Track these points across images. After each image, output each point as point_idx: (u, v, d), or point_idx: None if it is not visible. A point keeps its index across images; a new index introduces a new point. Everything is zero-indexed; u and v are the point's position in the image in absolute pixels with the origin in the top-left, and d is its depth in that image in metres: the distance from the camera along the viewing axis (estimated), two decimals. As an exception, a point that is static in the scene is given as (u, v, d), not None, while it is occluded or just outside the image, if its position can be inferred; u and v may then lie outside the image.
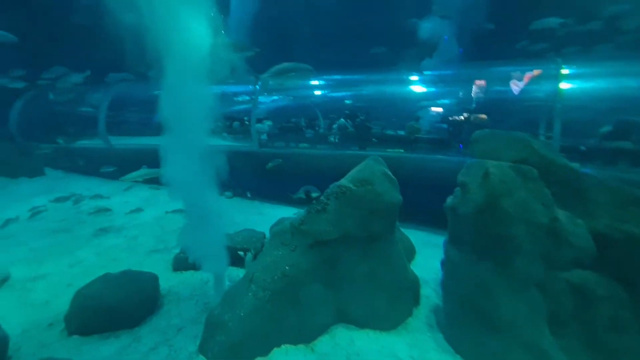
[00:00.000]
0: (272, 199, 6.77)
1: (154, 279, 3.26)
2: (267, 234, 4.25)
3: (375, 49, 9.81)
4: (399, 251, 3.14)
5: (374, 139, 6.79)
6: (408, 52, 8.29)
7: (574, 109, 5.33)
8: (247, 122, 8.05)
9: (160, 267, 3.76)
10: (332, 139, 7.45)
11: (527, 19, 7.38)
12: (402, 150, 6.42)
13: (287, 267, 2.69)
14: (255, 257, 3.77)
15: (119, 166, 7.25)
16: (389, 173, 3.07)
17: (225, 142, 7.75)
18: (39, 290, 3.43)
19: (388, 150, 6.53)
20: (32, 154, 8.15)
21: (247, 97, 8.94)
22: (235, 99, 9.30)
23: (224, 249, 3.10)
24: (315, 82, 9.35)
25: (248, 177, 6.40)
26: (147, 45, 2.53)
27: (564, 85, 5.25)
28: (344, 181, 2.94)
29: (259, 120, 7.90)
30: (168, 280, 3.55)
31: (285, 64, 5.26)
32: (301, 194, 4.48)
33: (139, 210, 5.68)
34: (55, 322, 2.89)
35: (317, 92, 10.29)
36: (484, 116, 6.49)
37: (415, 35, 9.45)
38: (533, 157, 2.48)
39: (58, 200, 5.97)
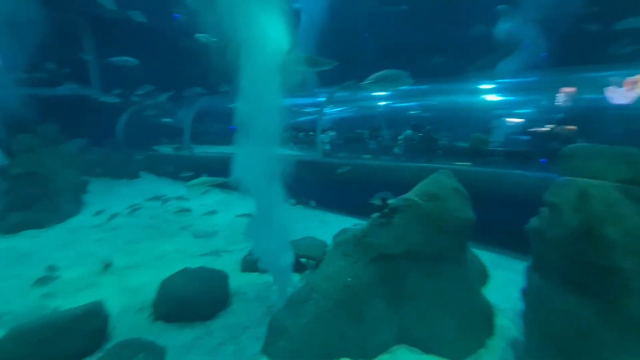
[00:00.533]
0: (334, 208, 6.83)
1: (225, 277, 3.51)
2: (329, 243, 4.30)
3: (437, 58, 9.37)
4: (470, 273, 2.89)
5: (441, 151, 6.45)
6: (481, 59, 7.73)
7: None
8: (311, 133, 8.32)
9: (230, 266, 4.02)
10: (396, 150, 7.27)
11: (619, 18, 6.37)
12: (470, 164, 5.99)
13: (349, 279, 2.66)
14: (317, 265, 3.82)
15: (199, 172, 8.26)
16: (461, 188, 2.87)
17: (291, 152, 8.11)
18: (133, 278, 3.95)
19: (456, 163, 6.14)
20: (131, 160, 9.49)
21: (315, 109, 9.25)
22: (303, 110, 9.68)
23: (288, 255, 3.21)
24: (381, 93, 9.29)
25: (311, 186, 6.57)
26: (225, 63, 2.79)
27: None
28: (410, 194, 2.83)
29: (323, 131, 8.09)
30: (236, 280, 3.78)
31: (385, 72, 5.27)
32: (377, 200, 4.40)
33: (213, 212, 6.21)
34: (144, 307, 3.28)
35: (382, 103, 10.20)
36: (572, 127, 5.71)
37: (487, 40, 8.82)
38: (645, 177, 2.07)
39: (150, 200, 6.86)
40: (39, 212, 5.39)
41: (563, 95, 6.18)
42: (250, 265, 4.08)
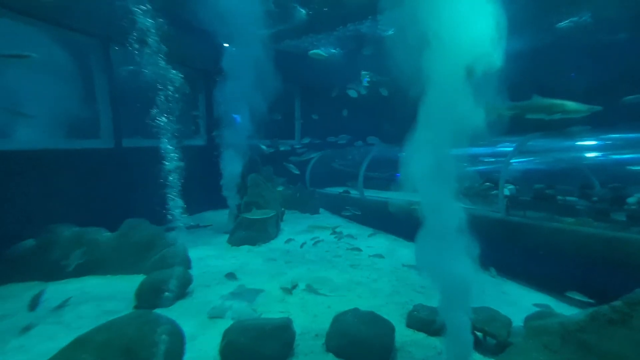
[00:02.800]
0: (516, 277, 5.67)
1: (392, 329, 3.45)
2: (515, 323, 3.56)
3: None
4: None
5: None
6: None
7: None
8: (487, 184, 7.44)
9: (393, 317, 3.92)
10: (617, 216, 5.42)
11: None
12: None
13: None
14: (499, 346, 3.21)
15: (365, 212, 8.93)
16: None
17: (465, 206, 7.45)
18: (311, 304, 4.49)
19: None
20: (313, 197, 11.16)
21: (492, 159, 8.34)
22: (480, 159, 8.90)
23: (468, 325, 2.85)
24: (589, 142, 7.38)
25: (489, 248, 5.74)
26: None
27: None
28: (665, 290, 2.02)
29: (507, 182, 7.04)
30: (401, 334, 3.65)
31: None
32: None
33: (379, 256, 6.36)
34: (320, 334, 3.63)
35: (591, 154, 8.02)
36: None
37: None
38: None
39: (328, 234, 7.84)
40: (255, 232, 7.15)
41: None
42: (416, 322, 3.87)
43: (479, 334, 3.48)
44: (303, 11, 9.77)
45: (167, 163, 4.49)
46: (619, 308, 2.08)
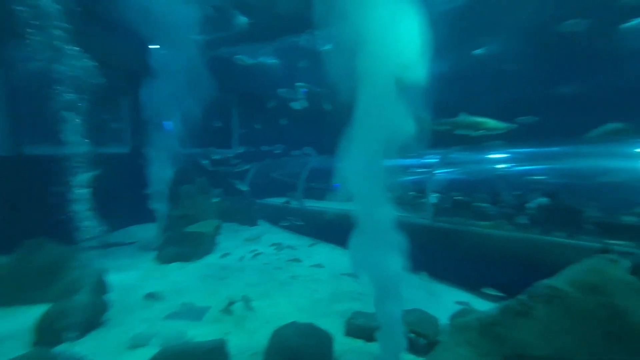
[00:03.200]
0: (443, 278, 6.17)
1: (330, 339, 3.44)
2: (441, 321, 3.84)
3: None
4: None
5: (589, 226, 5.25)
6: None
7: None
8: (411, 193, 8.08)
9: (333, 327, 3.93)
10: (521, 219, 6.30)
11: None
12: (634, 244, 4.66)
13: (476, 375, 2.27)
14: (429, 345, 3.41)
15: (308, 222, 8.95)
16: (634, 281, 2.23)
17: (399, 214, 7.95)
18: (249, 320, 4.26)
19: (612, 242, 4.89)
20: (251, 209, 10.84)
21: (420, 170, 9.08)
22: (409, 170, 9.60)
23: (400, 327, 2.98)
24: (498, 156, 8.53)
25: (418, 251, 6.17)
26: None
27: None
28: (558, 282, 2.34)
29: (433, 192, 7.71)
30: (339, 343, 3.65)
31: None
32: None
33: (319, 266, 6.39)
34: (257, 352, 3.45)
35: (501, 166, 9.27)
36: None
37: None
38: None
39: (268, 246, 7.61)
40: (188, 247, 6.62)
41: None
42: (354, 329, 3.92)
43: (411, 335, 3.67)
44: (244, 19, 9.61)
45: (82, 173, 3.91)
46: (523, 301, 2.37)
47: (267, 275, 5.91)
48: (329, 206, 9.27)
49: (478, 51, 10.28)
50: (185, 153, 8.45)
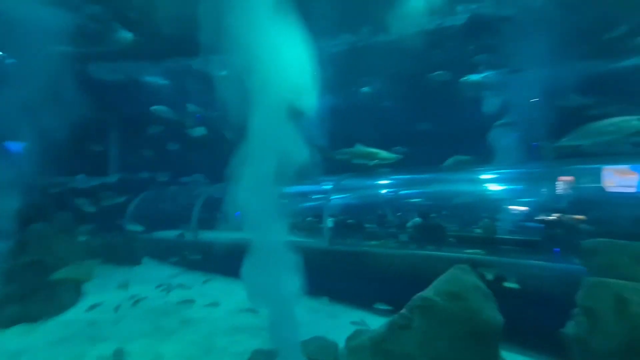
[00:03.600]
0: (344, 300, 6.40)
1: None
2: (340, 344, 3.90)
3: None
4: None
5: (450, 239, 6.34)
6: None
7: None
8: (308, 219, 8.40)
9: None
10: (402, 237, 7.17)
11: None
12: (482, 252, 5.83)
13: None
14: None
15: (205, 256, 8.16)
16: (483, 286, 2.72)
17: (296, 238, 7.97)
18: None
19: (467, 251, 5.98)
20: (134, 245, 9.35)
21: (316, 196, 9.54)
22: (307, 197, 9.95)
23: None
24: (384, 182, 9.68)
25: (317, 275, 6.29)
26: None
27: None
28: (429, 293, 2.67)
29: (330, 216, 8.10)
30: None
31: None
32: None
33: (215, 304, 5.82)
34: None
35: (385, 191, 10.52)
36: (580, 217, 5.72)
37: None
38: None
39: (153, 288, 6.56)
40: (36, 304, 5.07)
41: (563, 185, 6.38)
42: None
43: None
44: (129, 34, 8.63)
45: None
46: (404, 314, 2.61)
47: (151, 325, 5.03)
48: (224, 236, 8.73)
49: (364, 89, 11.86)
50: (42, 182, 6.82)
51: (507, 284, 4.16)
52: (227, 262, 7.65)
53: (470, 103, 9.79)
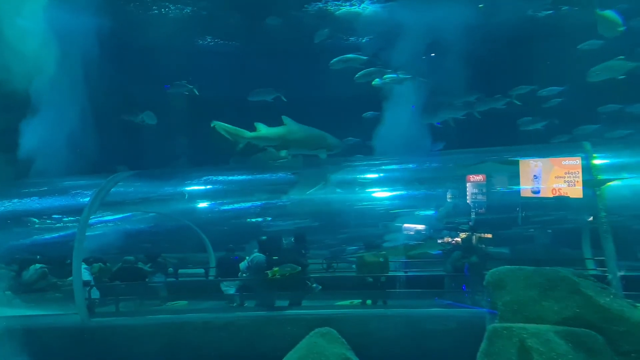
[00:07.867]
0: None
1: None
2: None
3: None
4: None
5: (314, 285, 6.69)
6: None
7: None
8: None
9: None
10: (229, 290, 7.23)
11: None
12: (367, 302, 6.52)
13: None
14: None
15: None
16: (352, 357, 3.01)
17: (14, 311, 6.84)
18: None
19: (339, 302, 6.55)
20: None
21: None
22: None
23: None
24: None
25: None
26: None
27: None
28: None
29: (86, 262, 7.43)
30: None
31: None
32: None
33: None
34: None
35: (202, 205, 10.46)
36: (487, 235, 6.99)
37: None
38: (588, 311, 2.69)
39: None
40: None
41: (472, 186, 7.70)
42: None
43: None
44: None
45: None
46: None
47: None
48: None
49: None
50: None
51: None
52: None
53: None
